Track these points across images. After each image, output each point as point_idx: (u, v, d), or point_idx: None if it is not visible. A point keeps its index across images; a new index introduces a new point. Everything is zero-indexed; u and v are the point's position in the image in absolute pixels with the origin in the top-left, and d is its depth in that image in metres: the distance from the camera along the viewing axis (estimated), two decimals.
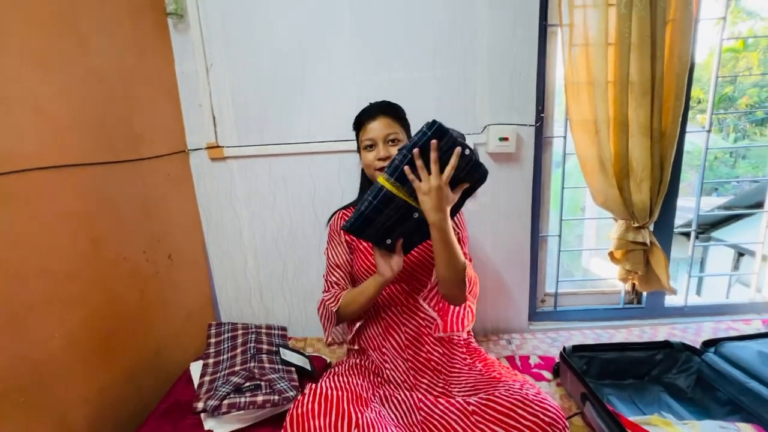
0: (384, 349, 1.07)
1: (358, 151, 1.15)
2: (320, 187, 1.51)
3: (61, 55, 0.98)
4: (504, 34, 1.36)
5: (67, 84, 0.99)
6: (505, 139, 1.39)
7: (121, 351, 1.09)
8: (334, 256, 1.15)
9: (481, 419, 0.81)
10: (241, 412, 0.98)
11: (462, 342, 1.12)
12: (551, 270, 1.62)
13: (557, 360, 1.29)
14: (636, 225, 1.44)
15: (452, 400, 0.89)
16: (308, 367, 1.21)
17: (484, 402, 0.84)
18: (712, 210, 4.36)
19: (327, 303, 1.07)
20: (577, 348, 1.27)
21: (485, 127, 1.42)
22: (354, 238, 1.15)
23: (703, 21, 1.40)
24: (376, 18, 1.37)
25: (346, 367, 1.07)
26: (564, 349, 1.25)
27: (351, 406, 0.82)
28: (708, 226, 4.75)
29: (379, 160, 1.06)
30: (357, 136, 1.14)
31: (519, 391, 0.85)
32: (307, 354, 1.29)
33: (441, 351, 1.07)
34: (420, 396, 0.95)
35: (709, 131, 1.50)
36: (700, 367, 1.20)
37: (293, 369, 1.14)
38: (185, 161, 1.47)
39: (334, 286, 1.12)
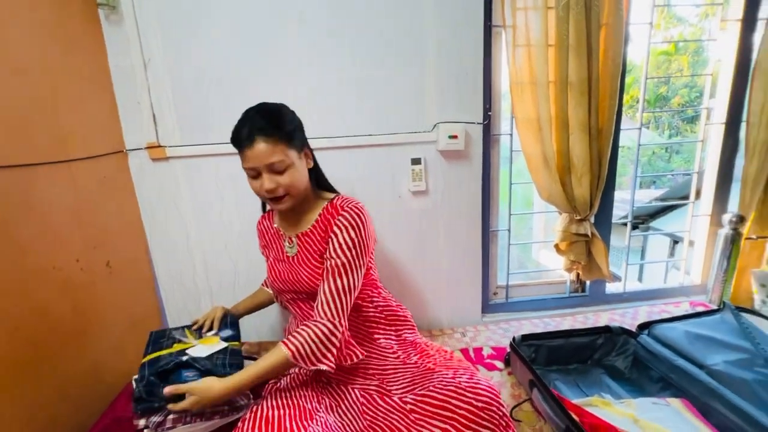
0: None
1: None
2: None
3: None
4: (450, 34, 1.39)
5: None
6: (455, 136, 1.42)
7: (53, 367, 1.01)
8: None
9: (419, 416, 0.83)
10: (188, 426, 0.93)
11: (394, 338, 1.13)
12: (503, 263, 1.68)
13: (508, 350, 1.34)
14: (578, 218, 1.52)
15: (390, 400, 0.91)
16: None
17: (420, 398, 0.86)
18: (650, 202, 4.67)
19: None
20: (525, 337, 1.32)
21: (435, 125, 1.44)
22: (267, 243, 1.17)
23: (636, 25, 1.50)
24: (324, 15, 1.35)
25: (287, 380, 1.04)
26: (513, 339, 1.29)
27: (294, 423, 0.81)
28: (647, 217, 5.11)
29: (267, 191, 0.95)
30: (239, 154, 0.98)
31: (452, 381, 0.87)
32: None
33: (374, 348, 1.08)
34: (363, 400, 0.96)
35: (640, 128, 1.60)
36: (635, 349, 1.28)
37: None
38: (123, 162, 1.39)
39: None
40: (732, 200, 1.68)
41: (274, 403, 0.90)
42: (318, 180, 1.11)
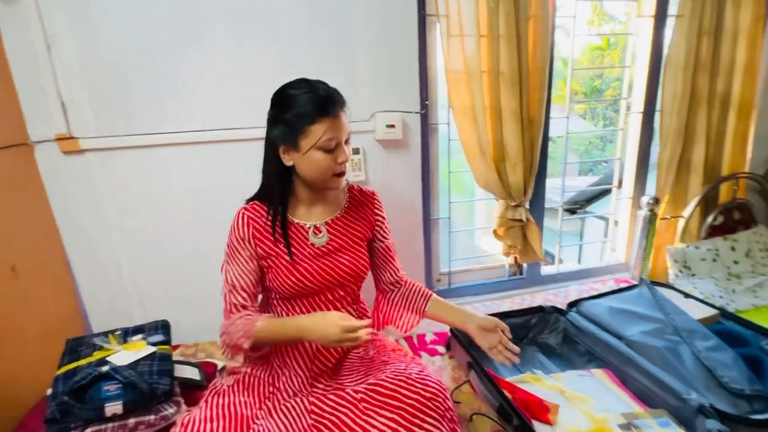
0: (288, 359, 1.00)
1: (289, 144, 0.91)
2: (201, 181, 1.39)
3: None
4: (384, 23, 1.38)
5: None
6: (392, 126, 1.42)
7: None
8: (239, 276, 0.95)
9: (368, 405, 0.82)
10: None
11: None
12: (445, 251, 1.71)
13: (450, 335, 1.37)
14: (513, 204, 1.58)
15: (342, 392, 0.89)
16: (197, 377, 1.12)
17: (371, 388, 0.85)
18: (587, 188, 4.98)
19: (236, 340, 0.91)
20: None
21: (372, 114, 1.43)
22: (271, 245, 0.97)
23: (564, 18, 1.57)
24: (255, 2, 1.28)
25: (231, 382, 0.97)
26: None
27: None
28: (585, 202, 5.45)
29: (341, 164, 0.92)
30: (299, 126, 0.88)
31: (403, 371, 0.87)
32: (195, 363, 1.20)
33: (343, 355, 1.05)
34: (313, 399, 0.92)
35: (568, 118, 1.69)
36: (565, 326, 1.36)
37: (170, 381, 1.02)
38: (28, 156, 1.25)
39: (241, 308, 0.96)
40: (650, 184, 1.82)
41: (207, 414, 0.84)
42: None
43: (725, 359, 1.06)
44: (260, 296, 1.06)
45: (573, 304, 1.41)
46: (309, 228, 1.01)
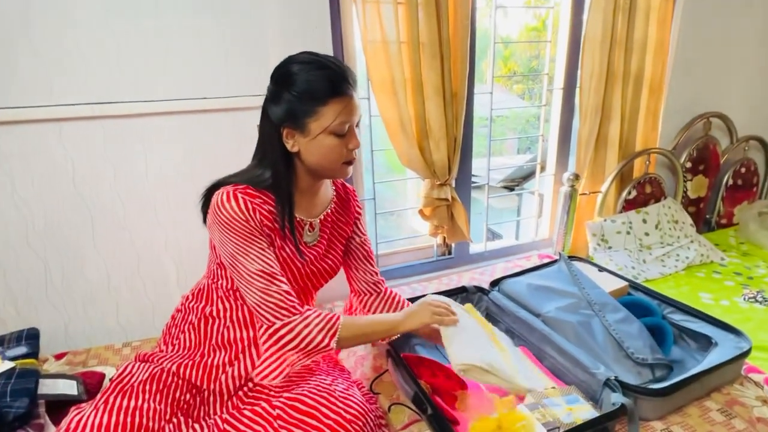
0: (214, 357, 0.88)
1: (294, 126, 0.80)
2: (79, 163, 1.19)
3: None
4: None
5: None
6: None
7: None
8: (269, 261, 0.82)
9: (284, 423, 0.75)
10: None
11: None
12: (371, 233, 1.64)
13: None
14: (438, 183, 1.53)
15: (258, 407, 0.79)
16: (74, 391, 0.97)
17: (290, 403, 0.77)
18: (520, 166, 5.14)
19: (316, 340, 0.80)
20: None
21: None
22: (273, 236, 0.85)
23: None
24: None
25: (145, 377, 0.81)
26: None
27: None
28: (521, 179, 5.66)
29: (351, 150, 0.83)
30: (311, 107, 0.78)
31: (327, 387, 0.81)
32: (73, 374, 1.03)
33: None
34: (226, 416, 0.82)
35: (491, 93, 1.65)
36: (488, 305, 1.35)
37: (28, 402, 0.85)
38: None
39: (294, 298, 0.83)
40: (572, 160, 1.86)
41: (105, 419, 0.70)
42: None
43: (632, 330, 1.09)
44: None
45: (495, 283, 1.40)
46: (306, 224, 0.91)
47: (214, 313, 0.90)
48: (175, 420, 0.79)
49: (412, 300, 1.10)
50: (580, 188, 1.76)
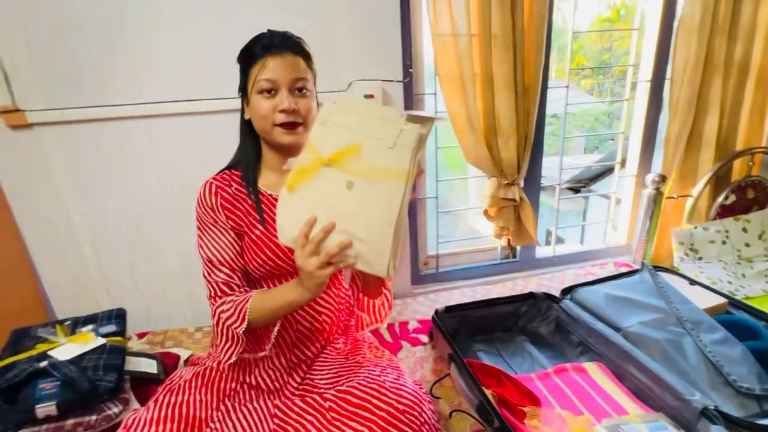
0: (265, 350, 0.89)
1: (242, 94, 0.84)
2: (165, 157, 1.28)
3: None
4: None
5: None
6: (371, 96, 1.29)
7: None
8: (216, 250, 0.83)
9: (336, 415, 0.74)
10: None
11: (342, 326, 1.04)
12: (433, 232, 1.60)
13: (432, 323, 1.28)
14: (506, 182, 1.45)
15: (309, 398, 0.80)
16: (154, 370, 1.04)
17: (341, 395, 0.77)
18: (590, 165, 4.81)
19: (228, 324, 0.79)
20: (449, 309, 1.26)
21: (349, 83, 1.29)
22: (242, 215, 0.85)
23: None
24: None
25: (189, 376, 0.86)
26: (436, 311, 1.23)
27: None
28: (588, 180, 5.29)
29: (282, 112, 0.79)
30: (245, 72, 0.82)
31: (377, 378, 0.79)
32: (154, 353, 1.11)
33: (323, 343, 0.97)
34: (277, 402, 0.84)
35: (567, 87, 1.54)
36: (558, 314, 1.26)
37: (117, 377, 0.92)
38: None
39: (226, 288, 0.83)
40: (657, 160, 1.68)
41: (155, 414, 0.75)
42: None
43: (733, 354, 0.96)
44: None
45: (567, 291, 1.30)
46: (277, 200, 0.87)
47: None
48: (223, 407, 0.82)
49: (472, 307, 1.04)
50: (666, 191, 1.59)
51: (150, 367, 1.04)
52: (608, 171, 4.96)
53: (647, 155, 1.67)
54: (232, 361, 0.82)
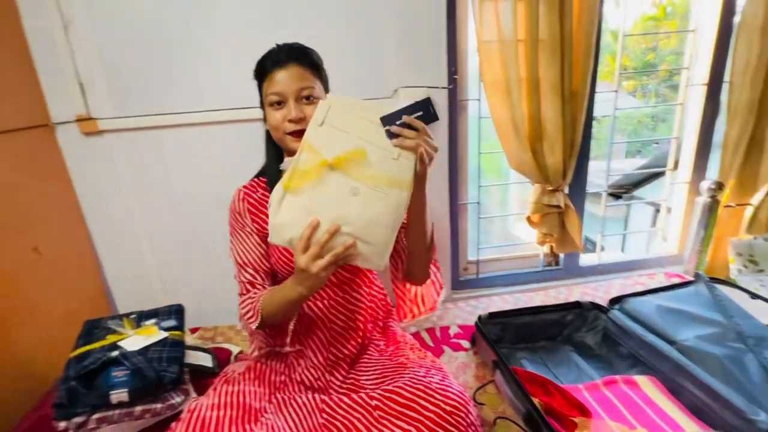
0: (303, 348, 0.94)
1: (262, 107, 0.91)
2: (219, 162, 1.35)
3: None
4: None
5: None
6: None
7: None
8: (242, 252, 0.91)
9: (383, 414, 0.76)
10: (113, 426, 0.86)
11: (380, 328, 1.06)
12: (473, 237, 1.60)
13: (475, 329, 1.27)
14: (550, 188, 1.43)
15: (356, 396, 0.83)
16: (209, 364, 1.10)
17: (387, 395, 0.79)
18: (633, 171, 4.62)
19: (247, 319, 0.87)
20: (492, 315, 1.25)
21: (395, 90, 1.32)
22: (262, 217, 0.92)
23: None
24: None
25: (242, 369, 0.93)
26: (479, 317, 1.23)
27: (234, 428, 0.73)
28: (631, 186, 5.07)
29: (290, 122, 0.84)
30: (259, 88, 0.90)
31: (422, 379, 0.80)
32: (208, 348, 1.17)
33: (362, 342, 0.99)
34: (324, 396, 0.87)
35: (617, 92, 1.50)
36: (606, 325, 1.23)
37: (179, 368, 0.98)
38: (50, 137, 1.25)
39: (250, 287, 0.90)
40: (712, 167, 1.61)
41: (216, 401, 0.81)
42: None
43: None
44: None
45: (616, 301, 1.27)
46: None
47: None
48: (274, 400, 0.87)
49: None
50: (723, 199, 1.51)
51: (206, 360, 1.10)
52: (652, 177, 4.75)
53: (702, 161, 1.60)
54: (258, 354, 0.90)
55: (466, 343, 1.28)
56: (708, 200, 1.48)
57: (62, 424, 0.84)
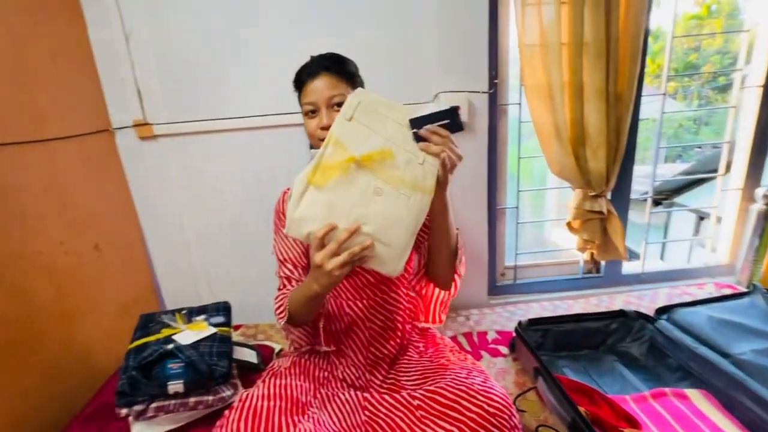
0: (343, 347, 0.97)
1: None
2: (264, 166, 1.40)
3: None
4: None
5: None
6: (457, 108, 1.31)
7: (34, 354, 0.99)
8: (283, 250, 0.96)
9: (425, 414, 0.77)
10: (171, 414, 0.90)
11: (418, 330, 1.08)
12: (511, 242, 1.58)
13: (514, 335, 1.26)
14: (593, 194, 1.40)
15: (398, 395, 0.84)
16: (255, 360, 1.14)
17: (429, 395, 0.79)
18: (676, 176, 4.44)
19: (277, 314, 0.90)
20: (533, 321, 1.24)
21: (436, 95, 1.33)
22: None
23: None
24: None
25: (288, 364, 0.95)
26: (519, 323, 1.22)
27: (283, 418, 0.75)
28: (671, 192, 4.86)
29: (323, 129, 0.87)
30: (298, 98, 0.95)
31: (464, 380, 0.80)
32: (253, 344, 1.22)
33: (400, 343, 1.01)
34: (367, 394, 0.89)
35: (665, 94, 1.45)
36: (653, 335, 1.19)
37: (228, 363, 1.03)
38: (110, 141, 1.33)
39: (287, 282, 0.94)
40: (767, 173, 1.53)
41: (266, 392, 0.83)
42: None
43: None
44: None
45: (663, 310, 1.22)
46: None
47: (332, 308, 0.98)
48: (319, 395, 0.89)
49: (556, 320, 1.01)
50: None
51: (251, 357, 1.14)
52: (695, 183, 4.54)
53: (756, 167, 1.52)
54: (291, 350, 0.95)
55: (504, 349, 1.27)
56: (763, 207, 1.41)
57: (124, 411, 0.90)
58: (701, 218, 4.32)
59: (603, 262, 1.60)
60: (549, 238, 2.12)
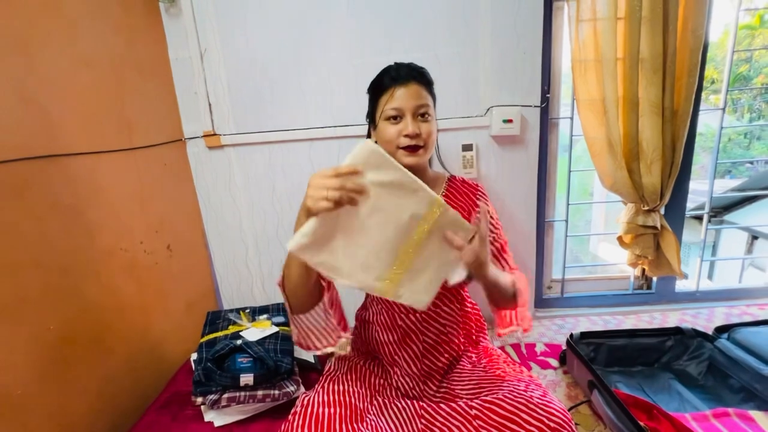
0: (397, 357, 0.97)
1: (371, 121, 0.96)
2: None
3: (47, 41, 0.95)
4: (508, 11, 1.31)
5: (55, 72, 0.96)
6: (509, 121, 1.34)
7: (119, 342, 1.09)
8: None
9: (483, 424, 0.77)
10: (240, 405, 0.96)
11: (472, 343, 1.09)
12: (558, 256, 1.58)
13: (564, 347, 1.26)
14: (646, 208, 1.39)
15: (454, 404, 0.85)
16: (312, 360, 1.20)
17: (487, 405, 0.80)
18: (725, 192, 4.24)
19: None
20: (584, 335, 1.24)
21: (488, 108, 1.37)
22: None
23: None
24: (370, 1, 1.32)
25: (344, 370, 0.97)
26: (571, 335, 1.22)
27: (344, 425, 0.77)
28: (720, 209, 4.64)
29: (406, 137, 0.87)
30: (374, 102, 0.93)
31: (523, 393, 0.80)
32: None
33: (454, 355, 1.02)
34: (423, 403, 0.90)
35: (723, 109, 1.43)
36: (712, 354, 1.16)
37: (291, 360, 1.10)
38: (182, 150, 1.45)
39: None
40: None
41: (325, 398, 0.85)
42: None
43: None
44: None
45: (723, 329, 1.19)
46: None
47: (369, 318, 1.02)
48: (375, 402, 0.90)
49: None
50: None
51: (308, 356, 1.19)
52: (747, 200, 4.32)
53: None
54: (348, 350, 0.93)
55: (554, 362, 1.27)
56: None
57: (199, 399, 0.97)
58: (755, 237, 4.10)
59: (654, 279, 1.57)
60: (595, 253, 2.09)
